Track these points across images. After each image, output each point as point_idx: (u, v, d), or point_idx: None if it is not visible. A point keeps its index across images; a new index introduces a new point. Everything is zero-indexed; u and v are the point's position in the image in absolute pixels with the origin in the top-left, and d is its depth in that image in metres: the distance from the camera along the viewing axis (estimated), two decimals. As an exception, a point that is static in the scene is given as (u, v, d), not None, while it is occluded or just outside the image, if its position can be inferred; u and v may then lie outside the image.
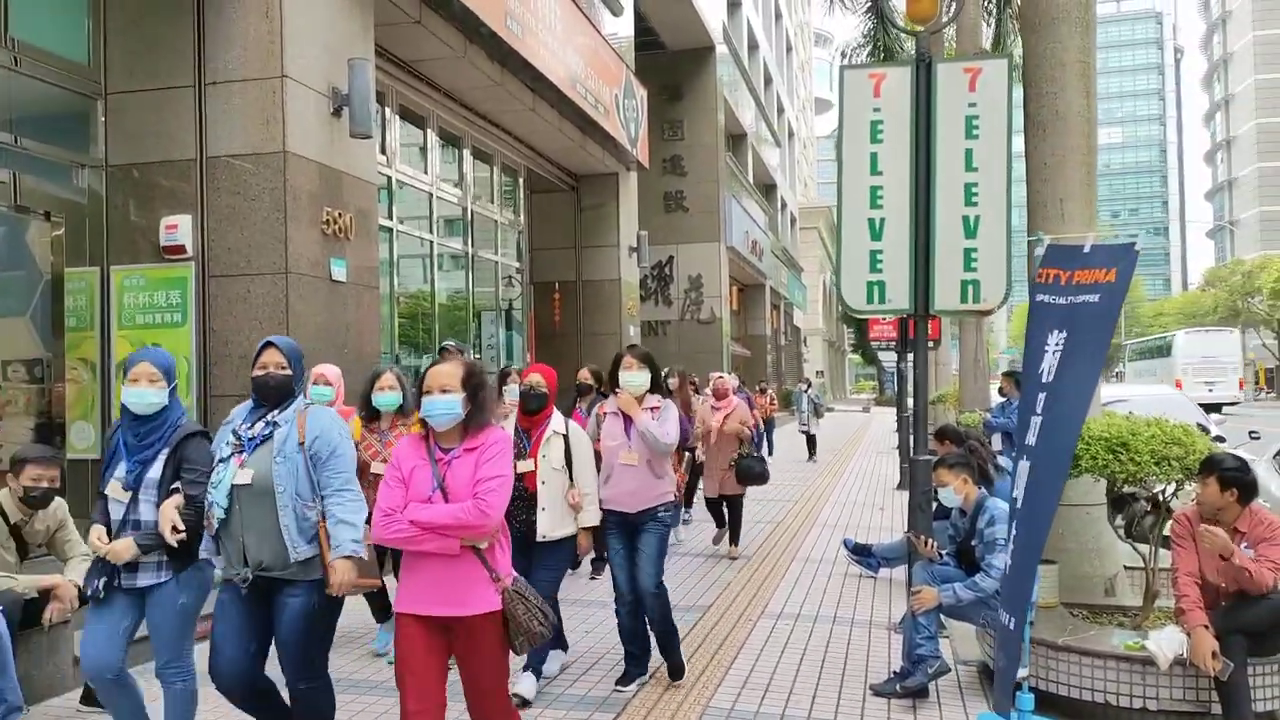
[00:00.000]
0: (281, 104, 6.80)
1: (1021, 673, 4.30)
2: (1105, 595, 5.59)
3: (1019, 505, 3.84)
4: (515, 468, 4.11)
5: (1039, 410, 3.69)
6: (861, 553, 7.84)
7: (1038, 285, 3.92)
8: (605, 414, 5.12)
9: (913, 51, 5.89)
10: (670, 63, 22.83)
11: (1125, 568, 5.77)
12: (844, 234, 5.92)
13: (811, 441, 18.46)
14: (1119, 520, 7.07)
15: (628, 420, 4.96)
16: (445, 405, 3.22)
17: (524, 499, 4.61)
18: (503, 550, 3.33)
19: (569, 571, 5.96)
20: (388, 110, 9.97)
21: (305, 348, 6.85)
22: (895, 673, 4.99)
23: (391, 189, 10.21)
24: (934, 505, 6.09)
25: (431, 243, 11.29)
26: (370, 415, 5.36)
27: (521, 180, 14.26)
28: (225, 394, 6.84)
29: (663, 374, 7.46)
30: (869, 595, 7.10)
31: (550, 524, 4.65)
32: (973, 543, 4.99)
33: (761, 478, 8.62)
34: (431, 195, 11.22)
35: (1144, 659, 4.24)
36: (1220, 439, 9.60)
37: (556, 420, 4.81)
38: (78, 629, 4.79)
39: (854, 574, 7.73)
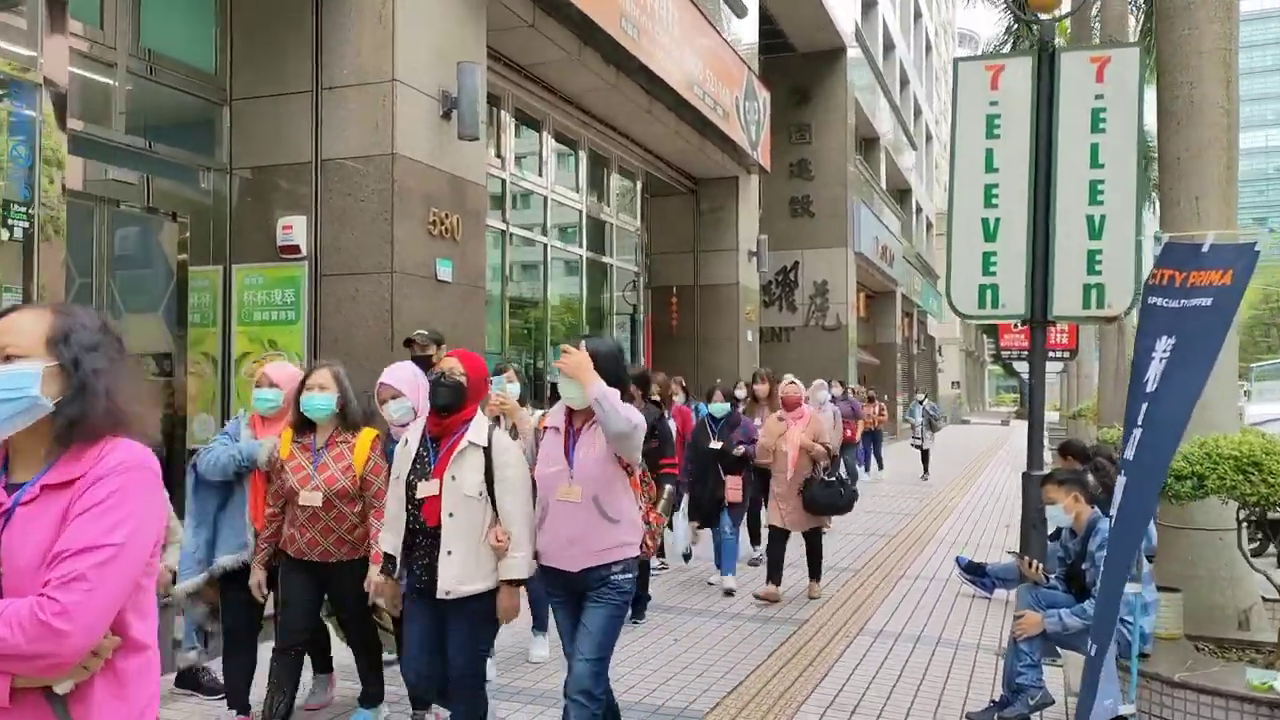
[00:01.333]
0: (392, 107, 6.95)
1: (1127, 709, 3.95)
2: (1239, 629, 5.10)
3: (1113, 524, 3.51)
4: (415, 489, 3.54)
5: (1140, 422, 3.36)
6: (975, 572, 7.44)
7: (1151, 287, 3.58)
8: (545, 428, 3.69)
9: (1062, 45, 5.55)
10: (799, 65, 22.45)
11: (1264, 599, 5.25)
12: (954, 235, 5.62)
13: (925, 457, 17.02)
14: (1272, 549, 6.48)
15: (571, 436, 3.56)
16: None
17: (425, 535, 3.54)
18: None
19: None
20: (503, 114, 10.11)
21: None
22: (994, 701, 4.67)
23: (506, 192, 10.34)
24: (1049, 525, 5.73)
25: (545, 246, 11.39)
26: (300, 425, 4.06)
27: (639, 183, 14.25)
28: (333, 390, 7.02)
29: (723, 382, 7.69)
30: (979, 617, 6.71)
31: (459, 574, 3.46)
32: (1083, 566, 4.62)
33: (834, 508, 7.19)
34: (547, 199, 11.32)
35: (1272, 701, 3.82)
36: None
37: (477, 427, 3.58)
38: (178, 614, 4.99)
39: (966, 594, 7.35)
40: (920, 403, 17.81)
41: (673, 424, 7.12)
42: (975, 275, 5.53)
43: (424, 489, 3.53)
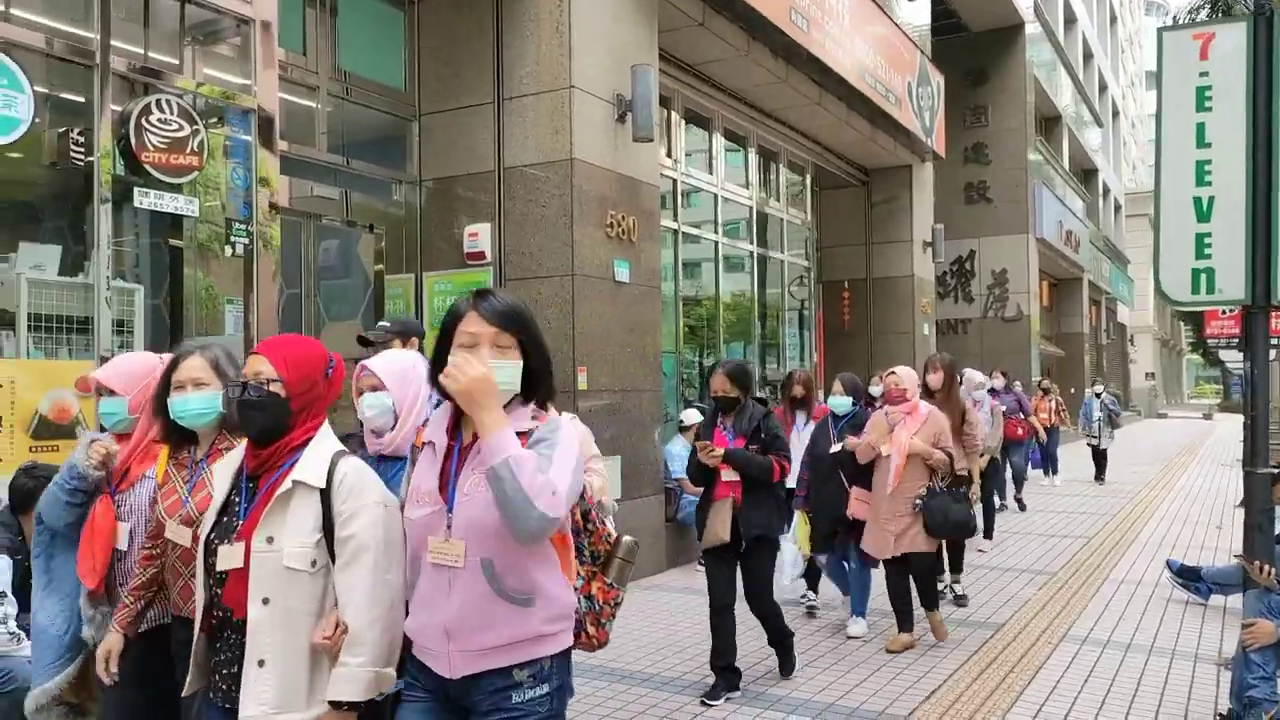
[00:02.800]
0: (569, 113, 7.12)
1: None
2: None
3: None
4: (215, 557, 2.32)
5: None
6: (1189, 576, 6.94)
7: None
8: (422, 444, 2.30)
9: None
10: (973, 45, 21.54)
11: None
12: (1163, 216, 5.25)
13: (1101, 459, 14.69)
14: None
15: (455, 457, 2.22)
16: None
17: (232, 630, 2.30)
18: None
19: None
20: (673, 114, 10.18)
21: (589, 348, 7.18)
22: (1221, 715, 4.34)
23: (677, 191, 10.40)
24: (1276, 527, 5.27)
25: (717, 243, 11.38)
26: (174, 436, 2.81)
27: (809, 177, 14.04)
28: (519, 390, 7.26)
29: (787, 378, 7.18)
30: (1195, 624, 6.25)
31: (275, 699, 2.22)
32: (1324, 572, 4.22)
33: (961, 527, 5.81)
34: (717, 196, 11.31)
35: None
36: None
37: (311, 457, 2.32)
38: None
39: (1178, 600, 6.85)
40: (1098, 396, 14.99)
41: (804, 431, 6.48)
42: (1187, 259, 5.14)
43: (223, 558, 2.30)
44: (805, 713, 4.61)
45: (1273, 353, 15.98)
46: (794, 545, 6.23)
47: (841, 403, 6.22)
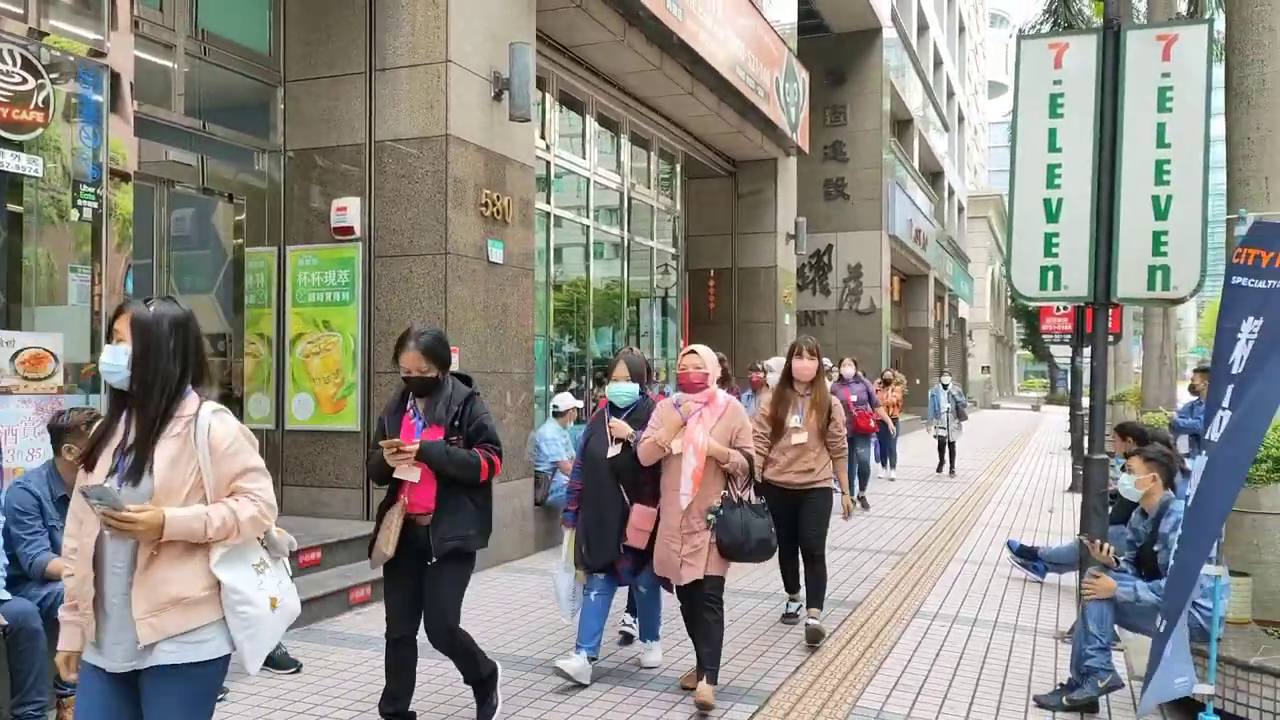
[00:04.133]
0: (445, 88, 6.97)
1: (1204, 689, 3.93)
2: (1308, 614, 5.05)
3: (1189, 504, 3.49)
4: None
5: (1226, 404, 3.33)
6: (1027, 555, 7.41)
7: (1235, 266, 3.54)
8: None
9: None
10: (834, 46, 22.25)
11: (1334, 585, 5.19)
12: (1016, 216, 5.58)
13: (947, 449, 14.56)
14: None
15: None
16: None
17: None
18: None
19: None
20: (547, 96, 10.10)
21: (461, 328, 7.06)
22: (1062, 684, 4.66)
23: (550, 174, 10.34)
24: (1110, 509, 5.68)
25: (588, 228, 11.39)
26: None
27: (679, 166, 14.20)
28: (386, 371, 7.08)
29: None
30: (1034, 601, 6.68)
31: None
32: (1155, 547, 4.59)
33: (765, 547, 4.53)
34: (589, 181, 11.31)
35: (1354, 688, 3.78)
36: None
37: None
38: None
39: (1017, 578, 7.31)
40: (945, 387, 14.74)
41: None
42: (1037, 257, 5.48)
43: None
44: (674, 693, 4.68)
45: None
46: (569, 573, 4.84)
47: (623, 391, 4.76)
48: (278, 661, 4.83)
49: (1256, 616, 4.83)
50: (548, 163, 10.21)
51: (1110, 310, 5.53)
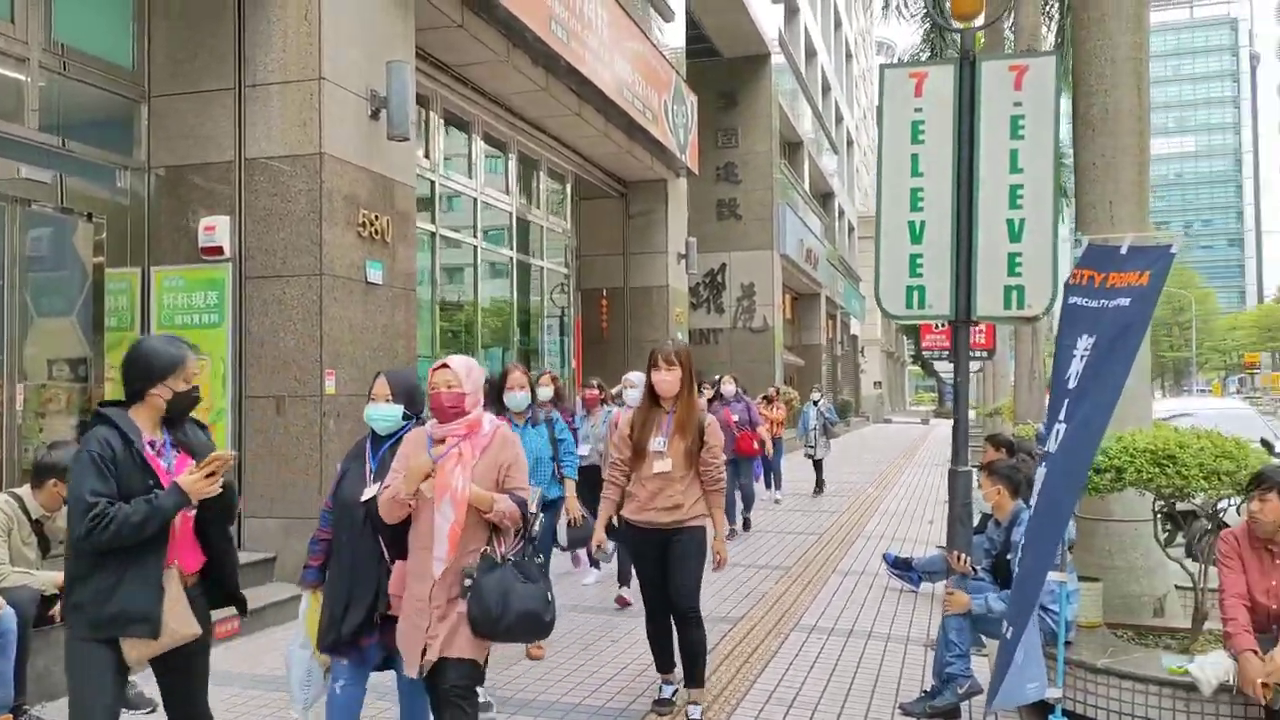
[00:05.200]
0: (319, 106, 6.84)
1: (1054, 693, 4.09)
2: (1154, 616, 5.32)
3: (1033, 512, 3.66)
4: None
5: (1063, 417, 3.50)
6: (902, 566, 7.61)
7: (1072, 287, 3.74)
8: None
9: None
10: (725, 70, 22.72)
11: (1177, 587, 5.48)
12: (883, 237, 5.73)
13: (818, 469, 14.15)
14: (1180, 538, 6.77)
15: None
16: None
17: None
18: None
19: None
20: (432, 115, 10.02)
21: (338, 350, 6.91)
22: (925, 691, 4.79)
23: (435, 194, 10.24)
24: (973, 519, 5.88)
25: (476, 248, 11.30)
26: None
27: (569, 186, 14.25)
28: (258, 395, 6.87)
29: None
30: (908, 610, 6.87)
31: None
32: (1008, 556, 4.78)
33: (534, 622, 3.36)
34: (477, 201, 11.24)
35: (1188, 684, 3.99)
36: (1288, 455, 9.16)
37: None
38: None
39: (894, 588, 7.51)
40: (815, 404, 14.21)
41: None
42: (903, 276, 5.65)
43: None
44: (551, 714, 4.65)
45: (976, 364, 17.90)
46: (306, 649, 3.68)
47: (383, 414, 3.61)
48: (130, 701, 4.60)
49: (1108, 620, 5.06)
50: (433, 182, 10.11)
51: (969, 328, 5.73)
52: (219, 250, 6.94)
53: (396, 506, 3.34)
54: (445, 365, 3.46)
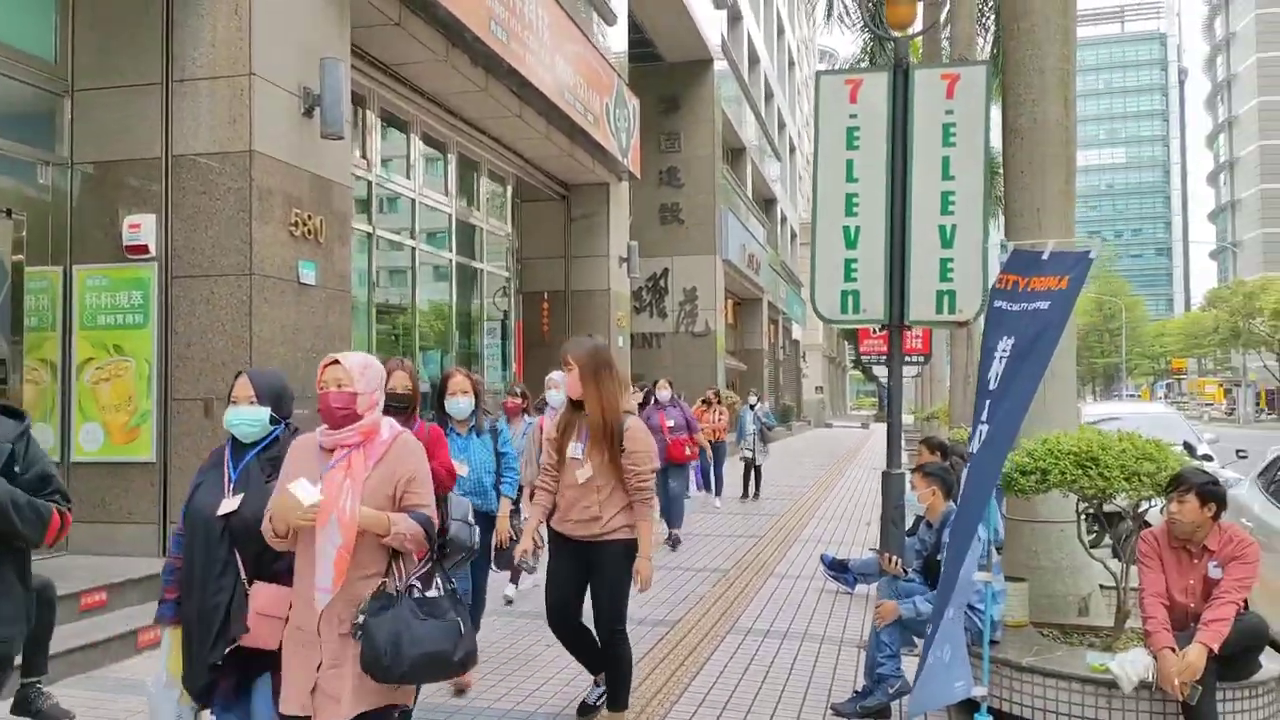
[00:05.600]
0: (249, 102, 6.69)
1: (979, 691, 4.15)
2: (1079, 615, 5.42)
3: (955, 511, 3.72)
4: None
5: (984, 418, 3.56)
6: (838, 568, 7.69)
7: (996, 291, 3.81)
8: None
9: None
10: (668, 75, 22.80)
11: (1101, 587, 5.60)
12: (818, 242, 5.79)
13: (754, 473, 13.79)
14: (1107, 539, 6.93)
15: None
16: None
17: None
18: None
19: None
20: (369, 114, 9.88)
21: (269, 352, 6.77)
22: (857, 692, 4.83)
23: (372, 194, 10.10)
24: (906, 521, 5.96)
25: (414, 250, 11.17)
26: None
27: (510, 188, 14.16)
28: (186, 397, 6.70)
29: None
30: (843, 612, 6.93)
31: None
32: (939, 556, 4.83)
33: (427, 669, 2.89)
34: (415, 201, 11.10)
35: (1109, 681, 4.08)
36: (1208, 457, 9.45)
37: None
38: None
39: (830, 590, 7.57)
40: (752, 408, 13.95)
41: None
42: (838, 281, 5.71)
43: None
44: (484, 721, 4.59)
45: (914, 369, 18.19)
46: (172, 690, 3.17)
47: (245, 417, 3.17)
48: (45, 713, 4.45)
49: (1035, 619, 5.15)
50: (369, 183, 9.97)
51: (903, 332, 5.81)
52: (144, 249, 6.75)
53: (275, 541, 2.90)
54: (335, 361, 3.01)
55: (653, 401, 10.31)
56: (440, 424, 5.02)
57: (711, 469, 13.02)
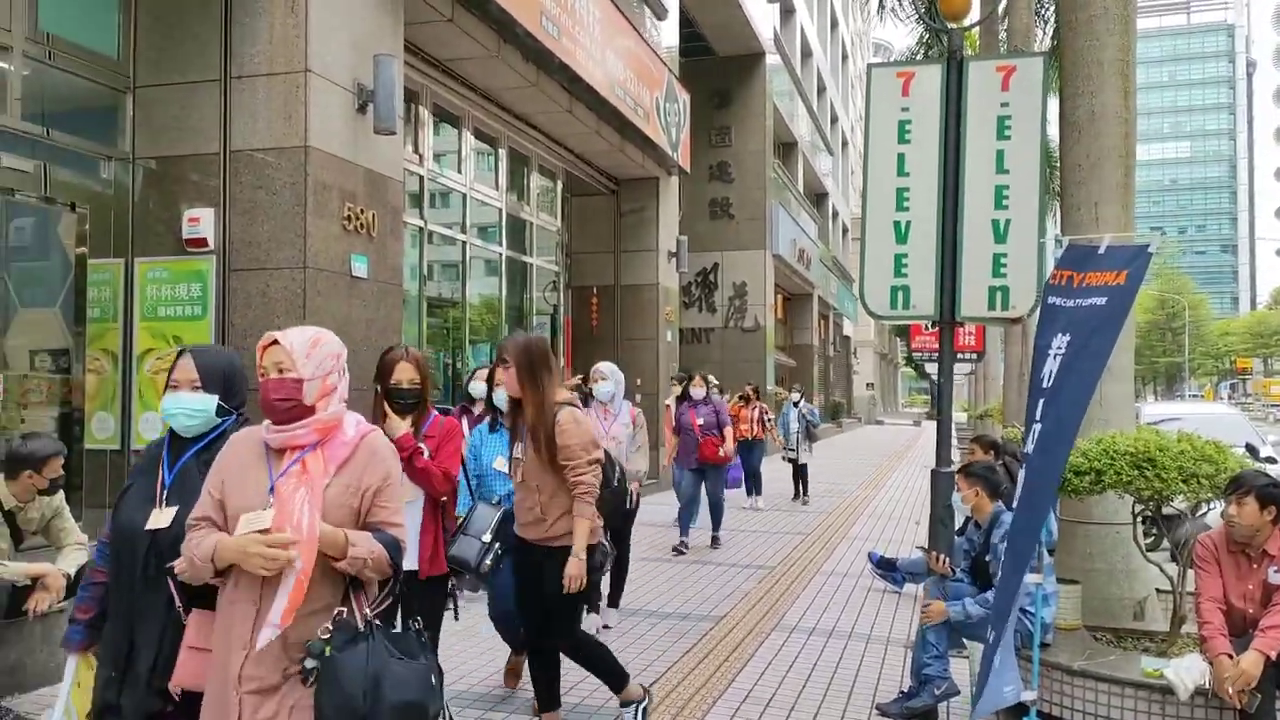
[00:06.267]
0: (304, 98, 6.79)
1: (1029, 695, 4.08)
2: (1134, 619, 5.31)
3: (1014, 514, 3.65)
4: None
5: (1039, 418, 3.48)
6: (887, 567, 7.61)
7: (1050, 287, 3.73)
8: None
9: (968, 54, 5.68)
10: (719, 69, 22.69)
11: (1158, 591, 5.48)
12: (868, 237, 5.73)
13: (801, 474, 13.29)
14: (1166, 543, 6.78)
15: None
16: None
17: None
18: None
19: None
20: (422, 109, 9.97)
21: (323, 343, 6.87)
22: (903, 692, 4.78)
23: (424, 189, 10.20)
24: (955, 520, 5.88)
25: (465, 244, 11.27)
26: None
27: (560, 183, 14.21)
28: (242, 388, 6.83)
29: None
30: (890, 611, 6.86)
31: None
32: (986, 558, 4.77)
33: (414, 715, 2.33)
34: (466, 196, 11.20)
35: (1164, 688, 3.98)
36: (1273, 460, 9.19)
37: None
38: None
39: (878, 589, 7.50)
40: (795, 405, 13.44)
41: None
42: (887, 276, 5.64)
43: None
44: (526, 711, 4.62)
45: (967, 366, 17.90)
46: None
47: (185, 405, 2.71)
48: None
49: (1088, 623, 5.05)
50: (421, 177, 10.07)
51: (954, 329, 5.72)
52: (203, 242, 6.89)
53: (201, 573, 2.33)
54: (275, 341, 2.49)
55: (686, 397, 9.70)
56: (492, 420, 5.02)
57: (748, 468, 12.19)
